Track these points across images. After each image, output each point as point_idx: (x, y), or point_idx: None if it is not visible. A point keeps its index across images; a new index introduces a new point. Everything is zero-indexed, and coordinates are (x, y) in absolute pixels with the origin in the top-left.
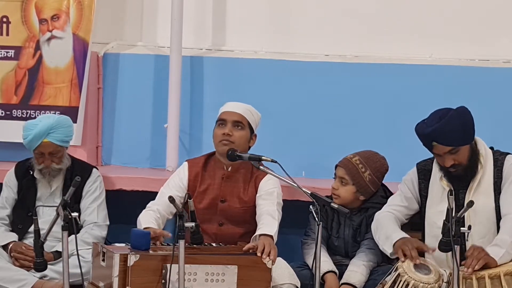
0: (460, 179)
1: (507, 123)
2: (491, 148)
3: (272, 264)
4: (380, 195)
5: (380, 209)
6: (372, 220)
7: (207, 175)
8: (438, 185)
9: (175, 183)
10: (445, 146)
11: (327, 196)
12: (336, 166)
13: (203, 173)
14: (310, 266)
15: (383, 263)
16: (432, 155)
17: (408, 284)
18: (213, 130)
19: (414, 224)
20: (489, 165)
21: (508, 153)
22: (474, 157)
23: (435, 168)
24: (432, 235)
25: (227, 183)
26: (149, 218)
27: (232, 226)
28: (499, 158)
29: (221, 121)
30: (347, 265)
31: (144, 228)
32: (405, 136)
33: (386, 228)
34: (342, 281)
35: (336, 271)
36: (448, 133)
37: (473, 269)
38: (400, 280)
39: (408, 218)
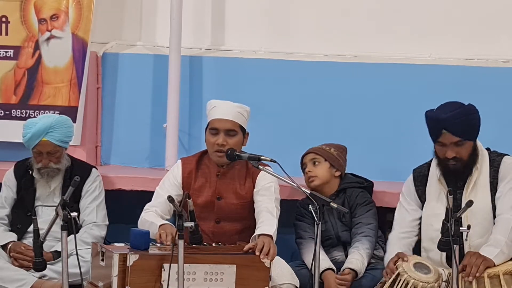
0: (457, 176)
1: (506, 123)
2: (487, 149)
3: (270, 261)
4: (350, 175)
5: (356, 188)
6: (353, 199)
7: (202, 172)
8: (435, 187)
9: (170, 181)
10: (454, 136)
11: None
12: (302, 158)
13: (197, 170)
14: (308, 264)
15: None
16: (427, 160)
17: (407, 283)
18: (205, 136)
19: None
20: (485, 166)
21: (506, 154)
22: (474, 155)
23: (432, 171)
24: (428, 238)
25: (223, 180)
26: (157, 217)
27: (229, 223)
28: (496, 159)
29: (213, 130)
30: (337, 248)
31: (160, 225)
32: (405, 136)
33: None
34: (344, 266)
35: (334, 268)
36: (461, 124)
37: (474, 276)
38: (400, 279)
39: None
